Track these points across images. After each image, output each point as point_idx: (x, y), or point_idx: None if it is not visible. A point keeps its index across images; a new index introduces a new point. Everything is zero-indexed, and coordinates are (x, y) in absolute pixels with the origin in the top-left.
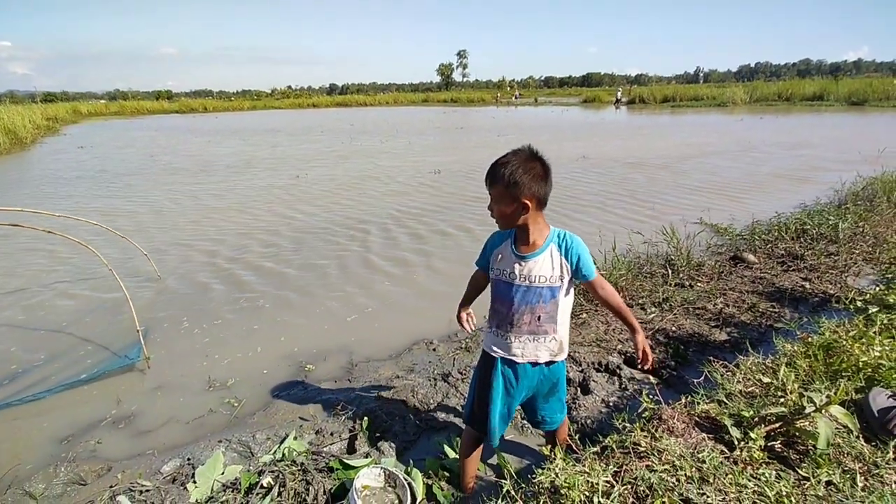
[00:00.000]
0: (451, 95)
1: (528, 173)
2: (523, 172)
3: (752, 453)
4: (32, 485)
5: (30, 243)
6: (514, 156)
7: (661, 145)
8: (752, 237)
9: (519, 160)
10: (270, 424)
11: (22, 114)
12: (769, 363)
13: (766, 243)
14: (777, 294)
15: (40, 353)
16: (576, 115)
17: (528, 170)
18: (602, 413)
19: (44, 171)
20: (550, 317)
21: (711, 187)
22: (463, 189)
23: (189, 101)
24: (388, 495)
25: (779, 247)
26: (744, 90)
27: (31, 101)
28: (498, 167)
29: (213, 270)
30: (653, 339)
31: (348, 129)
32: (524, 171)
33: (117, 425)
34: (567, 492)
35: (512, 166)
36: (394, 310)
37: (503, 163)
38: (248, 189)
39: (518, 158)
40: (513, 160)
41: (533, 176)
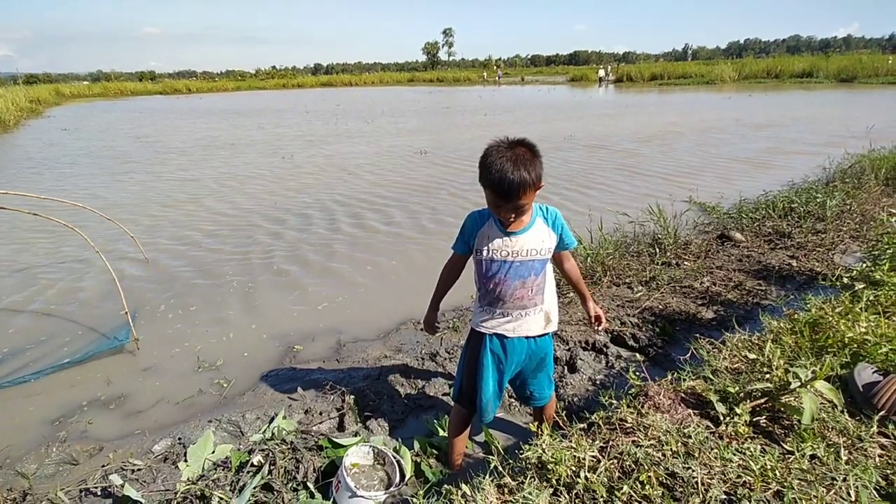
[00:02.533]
0: (437, 75)
1: (539, 157)
2: (537, 157)
3: (738, 428)
4: (24, 465)
5: (15, 227)
6: (513, 151)
7: (648, 124)
8: (739, 215)
9: (524, 153)
10: (259, 404)
11: (4, 96)
12: (755, 340)
13: (753, 221)
14: (764, 272)
15: (28, 335)
16: (563, 93)
17: (536, 154)
18: (589, 391)
19: (28, 154)
20: (540, 288)
21: (699, 166)
22: (449, 169)
23: (173, 82)
24: (377, 473)
25: (766, 225)
26: (732, 67)
27: (14, 82)
28: (519, 171)
29: (200, 252)
30: (640, 318)
31: (334, 109)
32: (536, 155)
33: (108, 406)
34: (554, 467)
35: (530, 161)
36: (381, 291)
37: (517, 164)
38: (235, 171)
39: (519, 151)
40: (526, 152)
41: (539, 157)
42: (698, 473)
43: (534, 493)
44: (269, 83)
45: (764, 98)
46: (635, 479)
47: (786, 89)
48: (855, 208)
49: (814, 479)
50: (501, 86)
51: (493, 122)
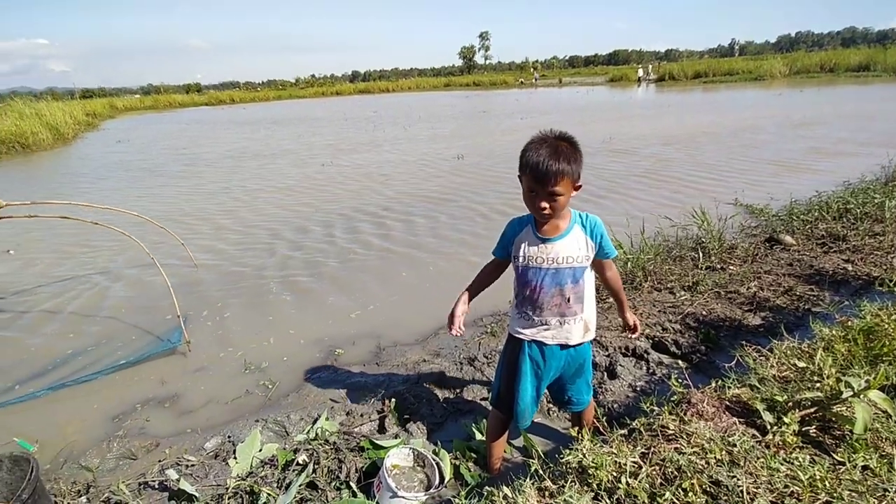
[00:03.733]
0: (474, 79)
1: (580, 153)
2: (579, 153)
3: (786, 438)
4: (87, 459)
5: (77, 235)
6: (562, 142)
7: (691, 124)
8: (789, 218)
9: (568, 142)
10: (303, 405)
11: (63, 110)
12: (805, 347)
13: (805, 224)
14: (816, 277)
15: (90, 337)
16: (601, 94)
17: (578, 149)
18: (629, 398)
19: (86, 165)
20: (578, 297)
21: (746, 166)
22: (486, 173)
23: (217, 93)
24: (417, 474)
25: (819, 227)
26: (783, 62)
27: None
28: (567, 158)
29: (245, 258)
30: (682, 324)
31: (371, 116)
32: (578, 151)
33: (163, 405)
34: (594, 472)
35: (571, 154)
36: (419, 295)
37: (565, 152)
38: (278, 178)
39: (566, 141)
40: (567, 144)
41: (581, 153)
42: (744, 482)
43: (574, 497)
44: (309, 91)
45: (817, 94)
46: (678, 486)
47: (841, 84)
48: None
49: (865, 490)
50: (538, 88)
51: (530, 125)
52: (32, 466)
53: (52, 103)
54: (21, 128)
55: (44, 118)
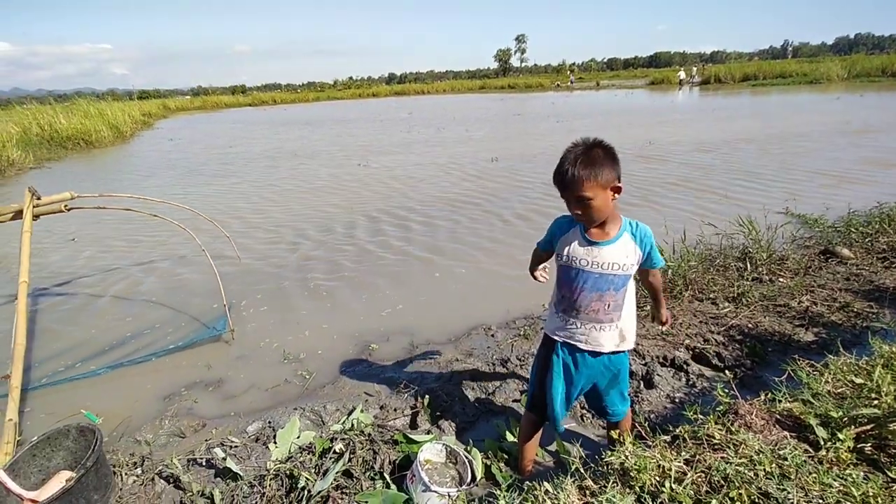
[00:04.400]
0: (509, 82)
1: (613, 159)
2: (611, 159)
3: (839, 454)
4: (142, 434)
5: (130, 226)
6: (588, 148)
7: (738, 128)
8: (847, 229)
9: (596, 148)
10: (339, 397)
11: (122, 110)
12: (863, 364)
13: (864, 237)
14: (876, 293)
15: (143, 322)
16: (641, 98)
17: (612, 155)
18: (667, 408)
19: (143, 161)
20: (618, 305)
21: (799, 174)
22: (519, 176)
23: (260, 94)
24: (449, 471)
25: (880, 241)
26: (841, 65)
27: (129, 98)
28: (589, 162)
29: (287, 252)
30: (726, 336)
31: (406, 118)
32: (610, 157)
33: (208, 388)
34: (637, 474)
35: (598, 159)
36: (452, 295)
37: (588, 157)
38: (316, 176)
39: (595, 147)
40: (593, 150)
41: (616, 158)
42: (794, 496)
43: (617, 498)
44: (346, 93)
45: (878, 99)
46: (724, 494)
47: None
48: None
49: None
50: (574, 91)
51: (566, 128)
52: (97, 437)
53: (112, 104)
54: (86, 126)
55: (106, 117)
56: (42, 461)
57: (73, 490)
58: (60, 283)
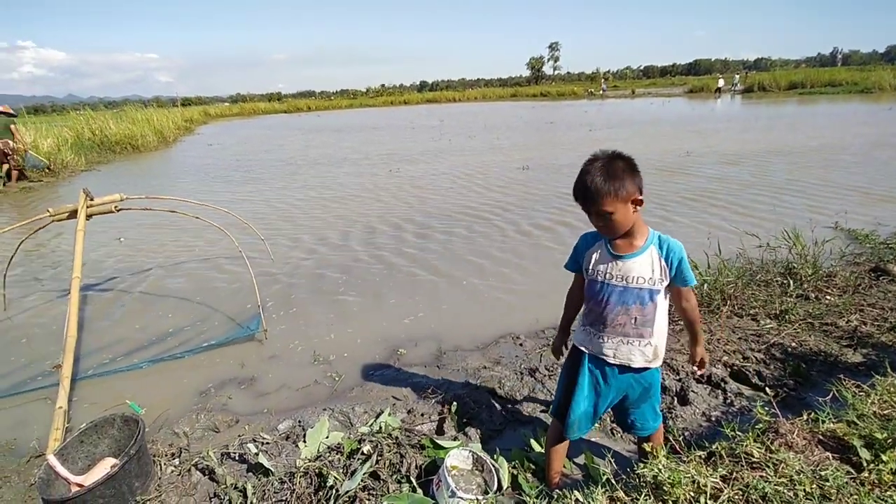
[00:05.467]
0: (541, 90)
1: (634, 171)
2: (631, 171)
3: (882, 476)
4: (179, 427)
5: (172, 226)
6: (607, 161)
7: (783, 139)
8: None
9: (616, 161)
10: (367, 399)
11: (167, 116)
12: None
13: None
14: None
15: (184, 319)
16: (679, 106)
17: (632, 167)
18: (702, 426)
19: (184, 165)
20: (648, 320)
21: (848, 188)
22: (551, 185)
23: (295, 101)
24: (475, 478)
25: None
26: (893, 74)
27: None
28: (609, 176)
29: (320, 256)
30: (766, 354)
31: (437, 125)
32: (631, 169)
33: (241, 385)
34: (670, 489)
35: (618, 172)
36: (481, 303)
37: (608, 170)
38: (349, 182)
39: (614, 160)
40: (613, 163)
41: (636, 170)
42: None
43: None
44: (378, 100)
45: None
46: None
47: None
48: None
49: None
50: (607, 99)
51: (599, 137)
52: (140, 427)
53: (157, 110)
54: (133, 131)
55: (152, 123)
56: (89, 448)
57: (117, 476)
58: (105, 281)
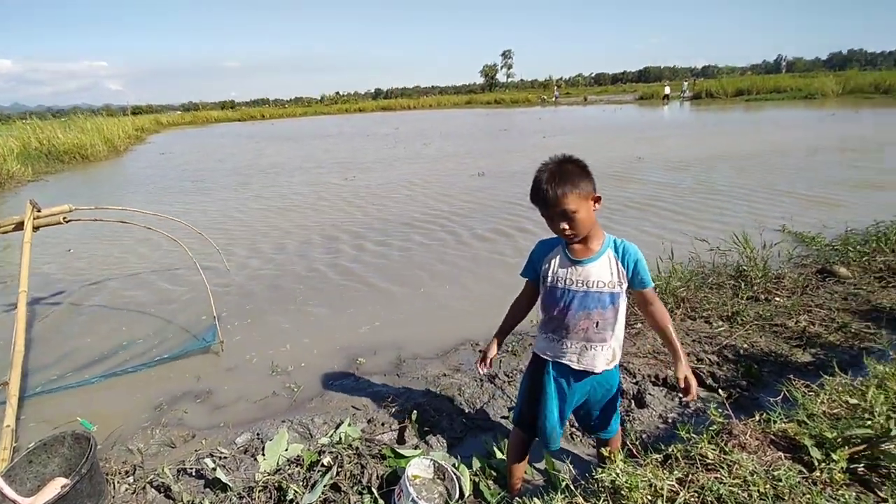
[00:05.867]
0: (495, 97)
1: (587, 172)
2: (585, 173)
3: (833, 475)
4: (133, 443)
5: (125, 238)
6: (559, 164)
7: (730, 144)
8: (844, 248)
9: (567, 164)
10: (326, 410)
11: (117, 125)
12: (858, 384)
13: (861, 255)
14: (873, 313)
15: (135, 332)
16: (630, 113)
17: (584, 169)
18: (659, 428)
19: (135, 175)
20: (609, 323)
21: (795, 191)
22: (507, 191)
23: (249, 109)
24: (436, 487)
25: (877, 260)
26: (835, 81)
27: (123, 113)
28: (565, 177)
29: (276, 266)
30: (719, 356)
31: (392, 133)
32: (583, 171)
33: (198, 399)
34: (628, 493)
35: (573, 173)
36: (439, 310)
37: (563, 172)
38: (304, 191)
39: (565, 163)
40: (564, 166)
41: (588, 171)
42: None
43: None
44: (333, 108)
45: (873, 115)
46: None
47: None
48: None
49: None
50: (560, 106)
51: (553, 144)
52: (92, 445)
53: (107, 119)
54: (82, 140)
55: (101, 132)
56: (38, 467)
57: (68, 497)
58: (55, 294)
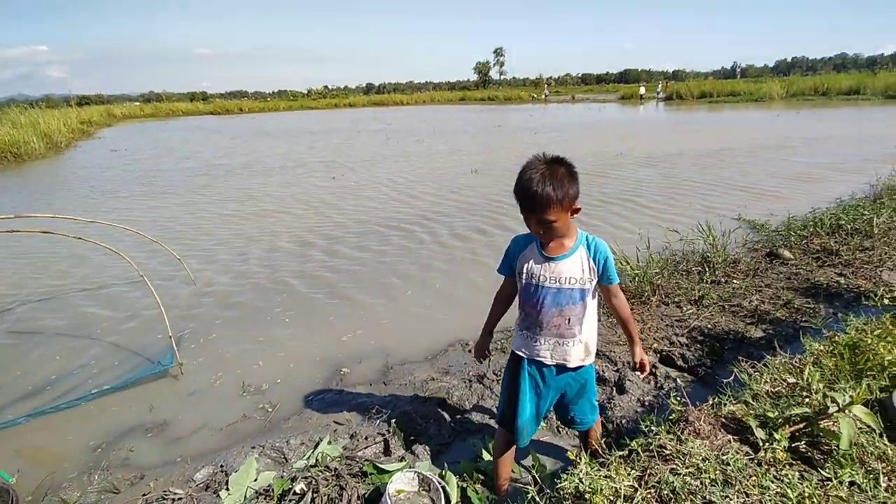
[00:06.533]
0: (488, 94)
1: (575, 178)
2: (573, 179)
3: (777, 454)
4: (67, 493)
5: (61, 250)
6: (550, 167)
7: (699, 142)
8: (787, 233)
9: (558, 167)
10: (304, 429)
11: (57, 118)
12: (795, 363)
13: (801, 239)
14: (812, 290)
15: (75, 360)
16: (613, 111)
17: (573, 174)
18: (637, 412)
19: (77, 176)
20: (578, 319)
21: (749, 183)
22: (500, 188)
23: (224, 102)
24: (422, 499)
25: (814, 242)
26: (780, 85)
27: (66, 104)
28: (555, 184)
29: (245, 275)
30: (689, 337)
31: (386, 128)
32: (572, 176)
33: (149, 433)
34: (591, 497)
35: (563, 180)
36: (429, 312)
37: (553, 177)
38: (283, 193)
39: (554, 168)
40: (556, 169)
41: (576, 176)
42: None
43: None
44: (321, 103)
45: (812, 115)
46: None
47: (833, 106)
48: None
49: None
50: (549, 104)
51: (544, 140)
52: (13, 498)
53: (46, 111)
54: (14, 136)
55: (38, 127)
56: None
57: None
58: None
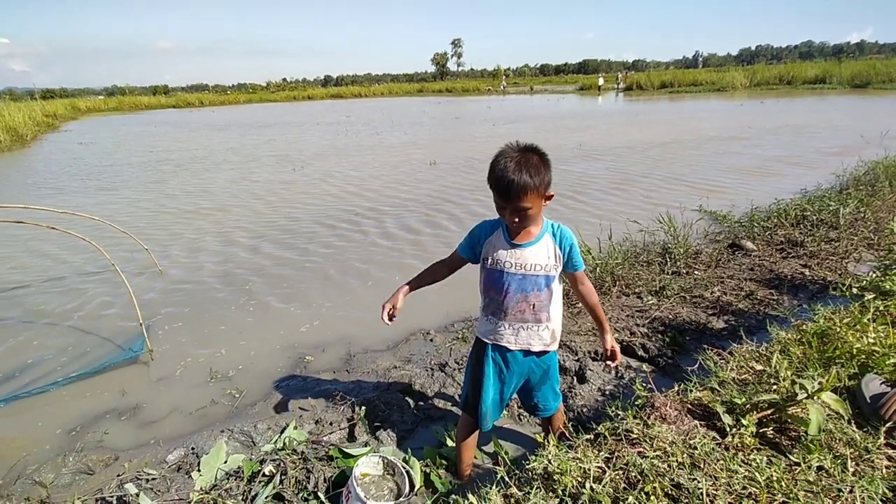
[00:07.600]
0: (446, 85)
1: (548, 165)
2: (546, 165)
3: (744, 439)
4: (42, 475)
5: (34, 240)
6: (521, 155)
7: (658, 132)
8: (750, 224)
9: (533, 155)
10: (271, 414)
11: (22, 111)
12: (763, 351)
13: (765, 230)
14: (776, 281)
15: (46, 347)
16: (572, 103)
17: (546, 161)
18: (598, 401)
19: (45, 169)
20: (543, 305)
21: (710, 174)
22: (458, 179)
23: (186, 95)
24: (387, 483)
25: (778, 234)
26: (744, 74)
27: (31, 97)
28: (531, 171)
29: (213, 265)
30: (650, 328)
31: (344, 121)
32: (545, 163)
33: (123, 416)
34: (559, 477)
35: (538, 167)
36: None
37: (528, 164)
38: (247, 184)
39: (528, 156)
40: (531, 157)
41: (549, 164)
42: (703, 485)
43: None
44: (280, 95)
45: (776, 105)
46: (640, 489)
47: (798, 95)
48: (869, 216)
49: (820, 490)
50: (507, 95)
51: (502, 132)
52: None
53: (11, 104)
54: None
55: (3, 119)
56: None
57: None
58: None
